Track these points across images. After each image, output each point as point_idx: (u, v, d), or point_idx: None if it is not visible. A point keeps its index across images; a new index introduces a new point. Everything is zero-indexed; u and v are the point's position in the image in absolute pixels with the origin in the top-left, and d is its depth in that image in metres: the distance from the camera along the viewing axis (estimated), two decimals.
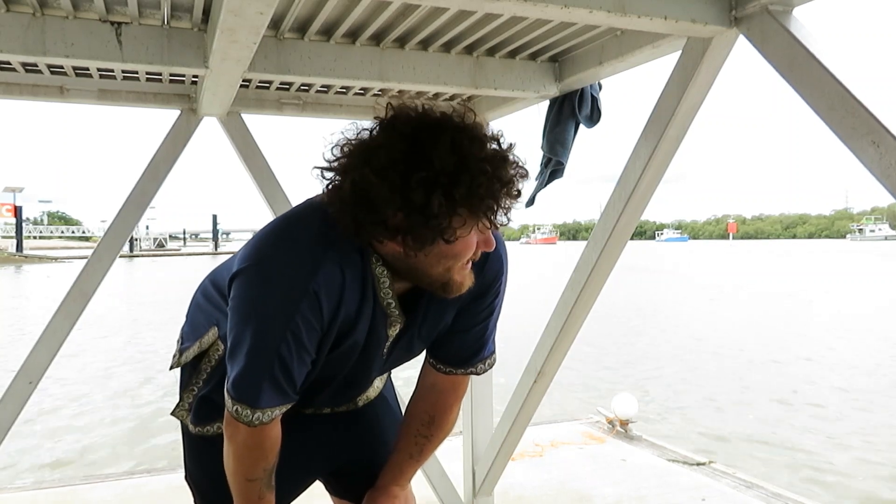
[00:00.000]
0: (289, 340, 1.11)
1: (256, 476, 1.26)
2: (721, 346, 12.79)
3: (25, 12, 2.14)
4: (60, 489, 4.10)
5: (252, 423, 1.17)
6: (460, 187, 1.00)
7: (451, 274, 1.12)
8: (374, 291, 1.18)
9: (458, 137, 1.02)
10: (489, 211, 1.04)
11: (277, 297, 1.11)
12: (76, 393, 9.27)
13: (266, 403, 1.16)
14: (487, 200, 1.02)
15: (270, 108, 3.10)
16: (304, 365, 1.17)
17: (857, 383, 9.68)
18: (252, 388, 1.15)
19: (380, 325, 1.23)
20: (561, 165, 2.95)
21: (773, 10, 1.85)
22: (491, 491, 3.34)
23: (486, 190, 1.02)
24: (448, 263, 1.10)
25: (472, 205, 1.02)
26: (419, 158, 1.01)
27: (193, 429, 1.43)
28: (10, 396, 2.86)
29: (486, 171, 1.01)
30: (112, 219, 3.02)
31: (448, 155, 1.00)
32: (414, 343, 1.33)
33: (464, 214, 1.03)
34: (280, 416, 1.22)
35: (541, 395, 2.95)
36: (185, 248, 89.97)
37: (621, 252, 2.61)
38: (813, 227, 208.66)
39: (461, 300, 1.26)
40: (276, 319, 1.10)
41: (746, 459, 6.23)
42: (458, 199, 1.01)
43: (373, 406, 1.57)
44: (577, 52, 2.72)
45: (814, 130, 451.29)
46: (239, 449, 1.23)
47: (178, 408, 1.46)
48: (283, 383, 1.15)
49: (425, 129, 1.03)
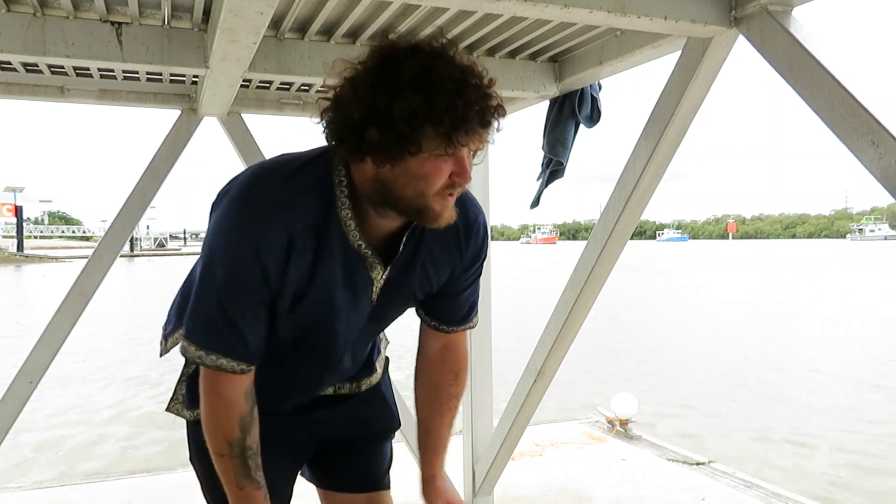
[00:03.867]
0: (230, 288, 1.13)
1: (223, 450, 1.24)
2: (721, 348, 12.79)
3: (26, 12, 2.14)
4: (60, 489, 4.10)
5: (199, 362, 1.18)
6: (423, 99, 1.03)
7: (427, 201, 1.11)
8: (340, 234, 1.19)
9: (431, 57, 1.06)
10: (453, 130, 1.04)
11: (224, 245, 1.14)
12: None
13: (211, 346, 1.17)
14: (450, 116, 1.03)
15: (270, 108, 3.10)
16: (253, 319, 1.17)
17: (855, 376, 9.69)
18: (197, 324, 1.18)
19: (359, 268, 1.23)
20: (561, 165, 2.95)
21: (773, 10, 1.86)
22: (491, 491, 3.34)
23: (447, 104, 1.03)
24: (420, 186, 1.10)
25: (434, 119, 1.03)
26: (389, 71, 1.06)
27: (190, 415, 1.44)
28: (10, 396, 2.86)
29: (448, 88, 1.03)
30: (112, 218, 3.03)
31: (416, 70, 1.05)
32: (405, 292, 1.32)
33: (428, 130, 1.05)
34: (241, 381, 1.21)
35: (541, 395, 2.95)
36: (185, 248, 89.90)
37: (621, 252, 2.61)
38: (813, 227, 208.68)
39: (450, 265, 1.32)
40: (219, 266, 1.14)
41: (746, 461, 6.23)
42: (419, 111, 1.03)
43: (374, 392, 1.57)
44: (577, 52, 2.72)
45: (814, 130, 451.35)
46: (203, 398, 1.23)
47: (172, 402, 1.47)
48: (226, 330, 1.16)
49: (401, 49, 1.08)
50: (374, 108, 1.05)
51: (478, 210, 1.35)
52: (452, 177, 1.11)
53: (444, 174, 1.10)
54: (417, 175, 1.09)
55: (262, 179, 1.18)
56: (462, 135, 1.06)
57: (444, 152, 1.07)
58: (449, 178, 1.10)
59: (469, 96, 1.05)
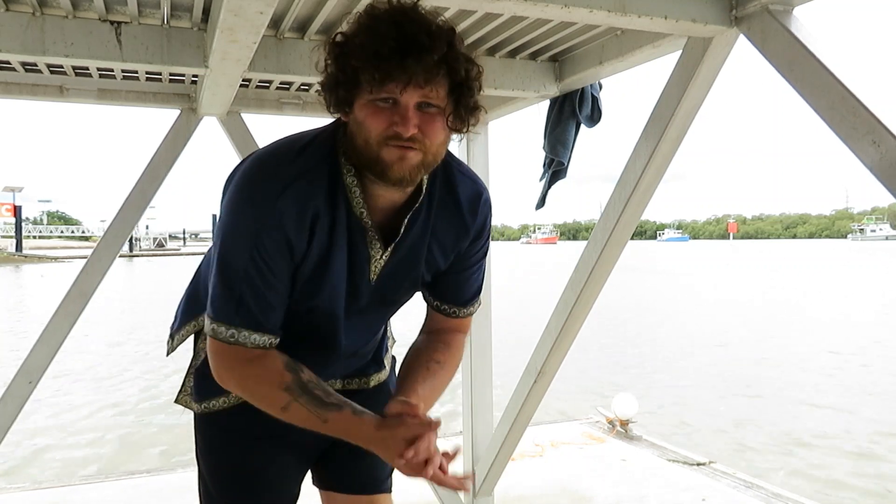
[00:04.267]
0: (257, 263, 1.13)
1: (284, 399, 1.18)
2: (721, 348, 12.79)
3: (25, 12, 2.13)
4: (60, 489, 4.10)
5: (231, 342, 1.16)
6: (357, 42, 1.07)
7: (374, 149, 1.11)
8: (346, 202, 1.19)
9: (384, 7, 1.09)
10: (377, 70, 1.05)
11: (245, 222, 1.14)
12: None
13: (242, 323, 1.16)
14: (375, 57, 1.04)
15: (270, 107, 3.10)
16: (275, 290, 1.17)
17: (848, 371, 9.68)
18: (226, 305, 1.16)
19: (359, 241, 1.22)
20: (563, 166, 2.94)
21: (774, 9, 1.85)
22: (491, 491, 3.34)
23: (374, 45, 1.04)
24: (364, 133, 1.11)
25: (362, 59, 1.06)
26: (348, 26, 1.11)
27: (198, 407, 1.44)
28: (9, 396, 2.86)
29: (380, 30, 1.05)
30: (112, 218, 3.02)
31: (363, 18, 1.09)
32: (413, 275, 1.31)
33: (361, 74, 1.07)
34: (272, 352, 1.19)
35: (541, 395, 2.94)
36: (184, 248, 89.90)
37: (621, 252, 2.61)
38: (813, 227, 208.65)
39: (457, 242, 1.31)
40: (243, 239, 1.14)
41: (746, 461, 6.23)
42: (351, 52, 1.07)
43: (381, 390, 1.54)
44: (578, 51, 2.72)
45: (814, 130, 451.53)
46: (243, 381, 1.20)
47: (180, 394, 1.47)
48: (253, 305, 1.15)
49: (370, 6, 1.12)
50: (327, 55, 1.11)
51: (481, 185, 1.36)
52: (394, 127, 1.09)
53: (381, 120, 1.09)
54: (359, 121, 1.11)
55: (273, 157, 1.19)
56: (385, 84, 1.06)
57: (377, 97, 1.08)
58: (391, 126, 1.09)
59: (388, 46, 1.04)
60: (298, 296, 1.23)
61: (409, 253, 1.27)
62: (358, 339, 1.41)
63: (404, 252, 1.26)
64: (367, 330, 1.43)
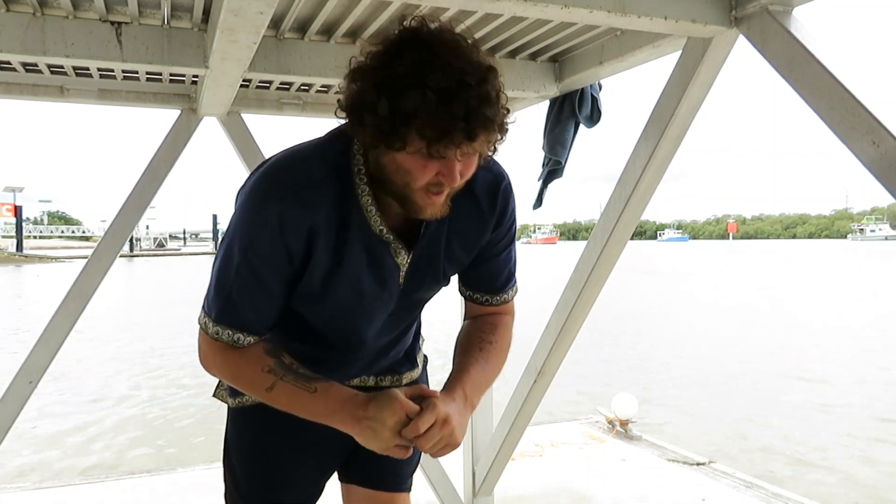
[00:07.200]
0: (250, 262, 1.15)
1: (268, 380, 1.21)
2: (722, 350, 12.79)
3: (25, 12, 2.14)
4: (60, 489, 4.10)
5: (215, 338, 1.20)
6: (409, 103, 1.01)
7: (411, 193, 1.11)
8: (362, 220, 1.19)
9: (429, 56, 1.04)
10: (436, 141, 1.02)
11: (246, 225, 1.16)
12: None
13: (229, 323, 1.19)
14: (432, 128, 1.01)
15: (270, 108, 3.10)
16: (267, 292, 1.19)
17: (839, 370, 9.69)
18: (216, 303, 1.20)
19: (384, 254, 1.23)
20: (560, 165, 2.95)
21: (773, 10, 1.86)
22: (491, 491, 3.34)
23: (431, 115, 1.00)
24: (405, 178, 1.10)
25: (417, 126, 1.02)
26: (388, 62, 1.05)
27: (232, 402, 1.49)
28: (10, 396, 2.86)
29: (433, 99, 1.00)
30: (112, 219, 3.02)
31: (410, 67, 1.02)
32: (433, 271, 1.31)
33: (412, 133, 1.03)
34: (253, 347, 1.21)
35: (541, 395, 2.95)
36: (185, 248, 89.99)
37: (621, 252, 2.61)
38: (813, 227, 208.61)
39: (479, 234, 1.29)
40: (238, 242, 1.16)
41: (746, 461, 6.23)
42: (405, 114, 1.02)
43: None
44: (577, 52, 2.72)
45: (814, 130, 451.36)
46: (225, 368, 1.24)
47: (217, 388, 1.54)
48: (242, 306, 1.18)
49: (406, 40, 1.07)
50: (368, 96, 1.05)
51: (498, 172, 1.30)
52: (439, 177, 1.09)
53: (428, 173, 1.08)
54: (403, 168, 1.09)
55: (281, 166, 1.19)
56: (443, 147, 1.04)
57: (428, 155, 1.06)
58: (436, 176, 1.09)
59: (456, 110, 1.01)
60: (313, 303, 1.25)
61: (428, 249, 1.28)
62: (385, 338, 1.43)
63: (423, 250, 1.27)
64: (394, 328, 1.44)
